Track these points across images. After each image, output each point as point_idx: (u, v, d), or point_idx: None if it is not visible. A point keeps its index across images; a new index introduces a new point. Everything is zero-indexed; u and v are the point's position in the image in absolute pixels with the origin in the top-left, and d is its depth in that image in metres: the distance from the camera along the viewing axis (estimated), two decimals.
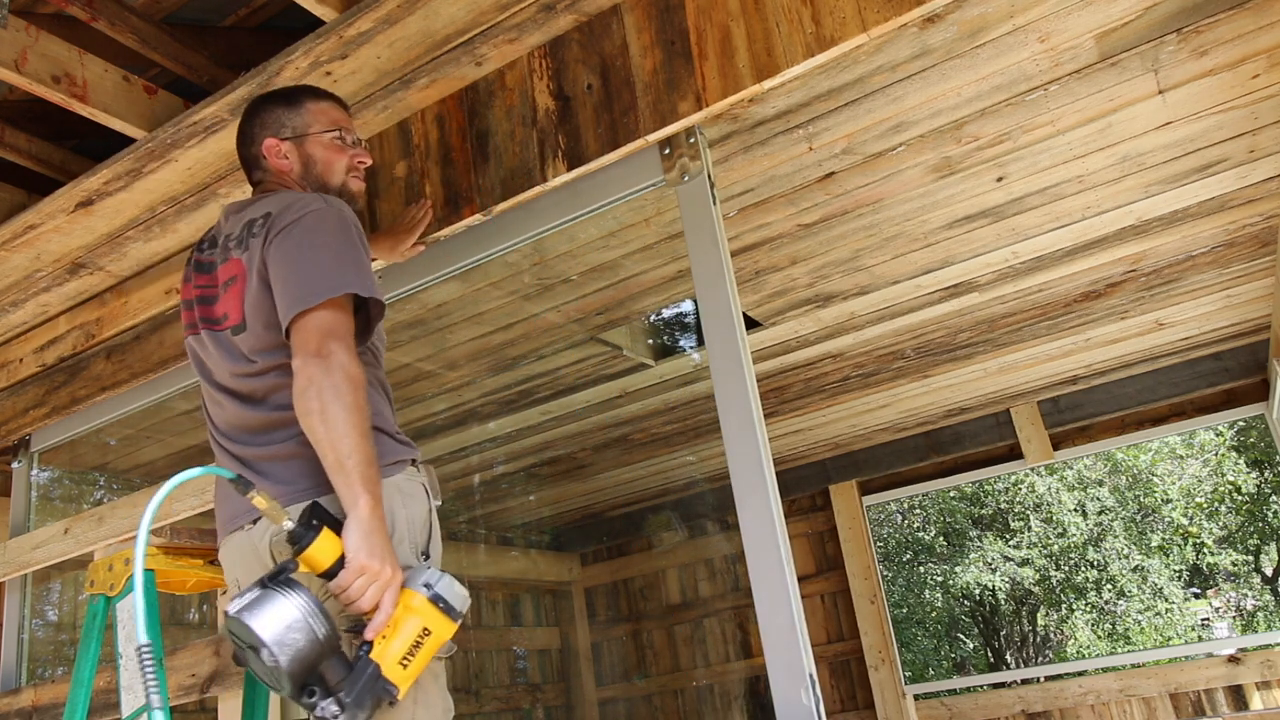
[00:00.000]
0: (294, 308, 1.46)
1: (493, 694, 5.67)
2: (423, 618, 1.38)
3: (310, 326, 1.44)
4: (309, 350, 1.43)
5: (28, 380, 3.19)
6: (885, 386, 4.58)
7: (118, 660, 1.63)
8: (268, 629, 1.25)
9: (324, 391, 1.39)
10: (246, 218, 1.66)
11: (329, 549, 1.34)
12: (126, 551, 1.70)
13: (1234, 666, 5.25)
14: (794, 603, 1.67)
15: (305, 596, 1.29)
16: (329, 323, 1.45)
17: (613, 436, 4.79)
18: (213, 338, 1.64)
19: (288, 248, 1.52)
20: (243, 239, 1.63)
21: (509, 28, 2.10)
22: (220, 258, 1.68)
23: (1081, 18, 2.08)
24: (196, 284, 1.72)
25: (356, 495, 1.36)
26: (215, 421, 1.66)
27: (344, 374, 1.41)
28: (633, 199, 2.11)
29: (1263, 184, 2.92)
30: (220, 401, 1.63)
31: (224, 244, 1.69)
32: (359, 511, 1.35)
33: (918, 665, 12.43)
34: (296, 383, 1.42)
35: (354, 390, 1.41)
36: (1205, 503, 12.34)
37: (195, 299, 1.71)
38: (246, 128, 1.80)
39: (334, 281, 1.48)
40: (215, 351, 1.63)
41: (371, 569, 1.34)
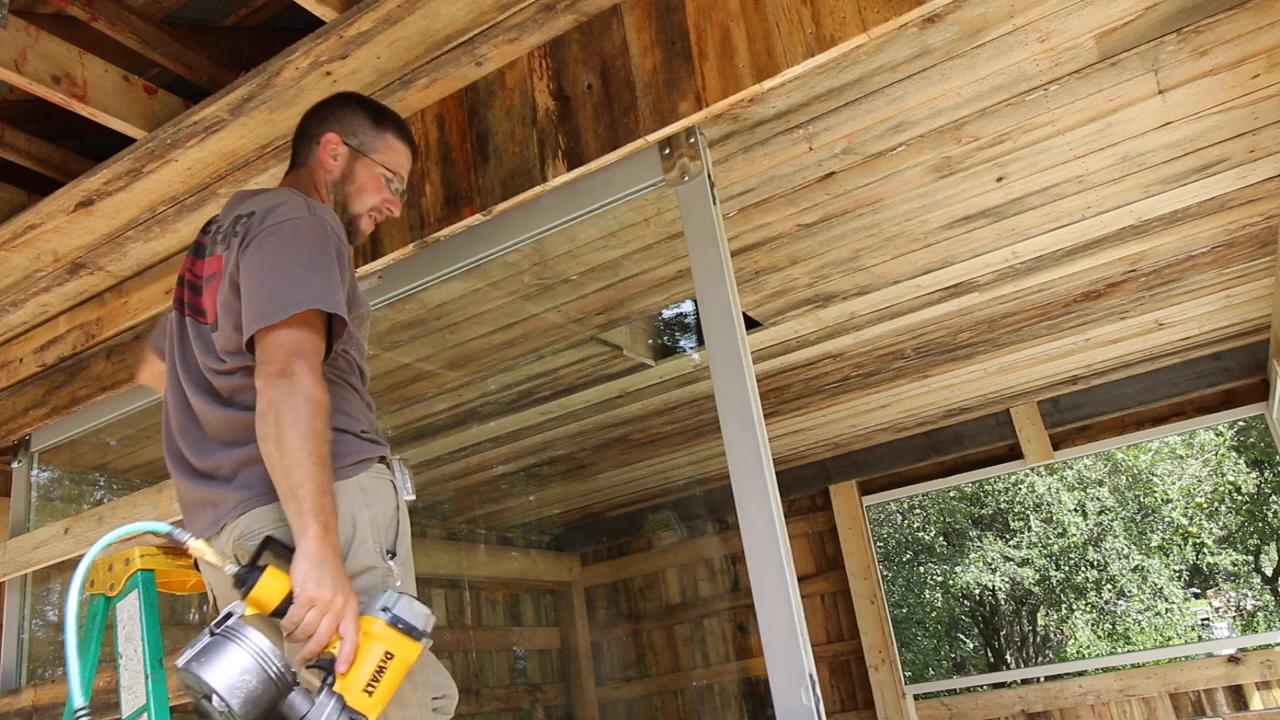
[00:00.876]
0: (259, 321, 1.41)
1: (493, 694, 5.67)
2: (384, 642, 1.34)
3: (275, 344, 1.40)
4: (272, 370, 1.38)
5: (28, 380, 3.19)
6: (885, 386, 4.58)
7: (118, 660, 1.63)
8: (218, 677, 1.21)
9: (282, 416, 1.35)
10: (241, 211, 1.63)
11: (276, 587, 1.31)
12: (127, 551, 1.70)
13: (1234, 666, 5.25)
14: (794, 603, 1.67)
15: (255, 637, 1.25)
16: (294, 340, 1.41)
17: (613, 436, 4.79)
18: (195, 327, 1.62)
19: (261, 256, 1.48)
20: (227, 235, 1.60)
21: (509, 28, 2.10)
22: (207, 250, 1.67)
23: (1081, 18, 2.08)
24: (188, 265, 1.71)
25: (306, 525, 1.32)
26: (175, 425, 1.61)
27: (304, 397, 1.37)
28: (633, 199, 2.10)
29: (1263, 184, 2.92)
30: (188, 394, 1.60)
31: (214, 235, 1.67)
32: (307, 542, 1.31)
33: (918, 665, 12.43)
34: (259, 403, 1.38)
35: (313, 415, 1.36)
36: (1205, 503, 12.35)
37: (189, 282, 1.69)
38: (323, 111, 1.79)
39: (302, 295, 1.42)
40: (194, 340, 1.62)
41: (322, 599, 1.29)
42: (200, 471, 1.53)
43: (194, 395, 1.57)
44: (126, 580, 1.67)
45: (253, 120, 2.23)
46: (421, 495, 1.54)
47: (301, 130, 1.80)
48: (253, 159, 2.35)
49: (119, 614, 1.65)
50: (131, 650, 1.61)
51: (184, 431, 1.58)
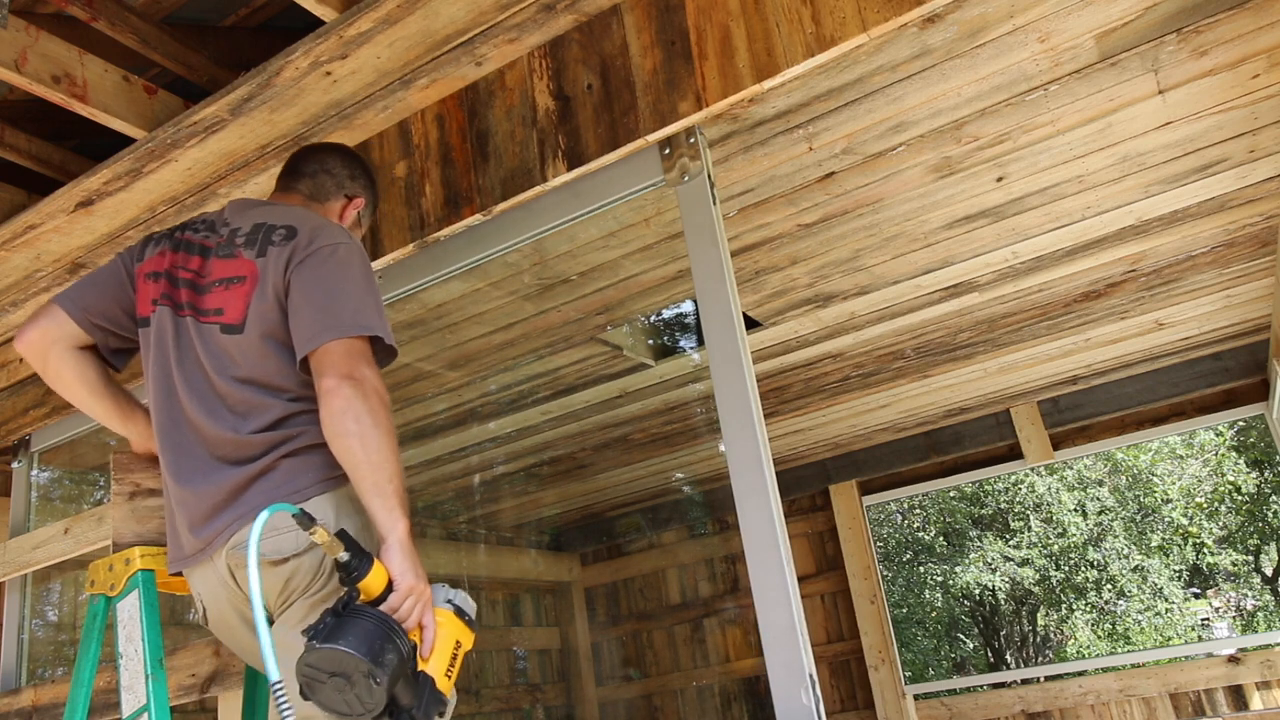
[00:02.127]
0: (327, 333, 1.46)
1: (493, 694, 5.67)
2: (453, 631, 1.43)
3: (340, 351, 1.46)
4: (341, 372, 1.43)
5: (28, 380, 3.19)
6: (885, 386, 4.58)
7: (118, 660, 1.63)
8: (365, 649, 1.25)
9: (362, 416, 1.40)
10: (262, 220, 1.64)
11: (380, 575, 1.36)
12: (127, 551, 1.70)
13: (1234, 666, 5.25)
14: (794, 603, 1.67)
15: (383, 617, 1.31)
16: (360, 350, 1.47)
17: (613, 436, 4.79)
18: (197, 328, 1.59)
19: (323, 274, 1.53)
20: (256, 241, 1.60)
21: (509, 28, 2.10)
22: (222, 250, 1.63)
23: (1081, 18, 2.08)
24: (178, 262, 1.66)
25: (397, 519, 1.39)
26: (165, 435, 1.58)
27: (378, 397, 1.43)
28: (633, 199, 2.10)
29: (1263, 184, 2.92)
30: (185, 405, 1.56)
31: (229, 237, 1.64)
32: (399, 534, 1.39)
33: (918, 665, 12.43)
34: (331, 403, 1.41)
35: (387, 414, 1.43)
36: (1205, 503, 12.34)
37: (178, 278, 1.64)
38: (359, 172, 1.89)
39: (368, 320, 1.50)
40: (197, 342, 1.58)
41: (418, 589, 1.38)
42: (192, 485, 1.52)
43: (195, 407, 1.55)
44: (127, 580, 1.67)
45: (253, 120, 2.23)
46: (422, 495, 1.57)
47: (331, 169, 1.85)
48: (253, 159, 2.35)
49: (119, 614, 1.65)
50: (132, 650, 1.61)
51: (176, 447, 1.56)
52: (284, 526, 1.45)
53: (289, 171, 1.87)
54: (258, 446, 1.49)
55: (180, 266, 1.66)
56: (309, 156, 1.88)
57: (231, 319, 1.56)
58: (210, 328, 1.58)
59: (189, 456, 1.54)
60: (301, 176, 1.84)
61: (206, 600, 1.59)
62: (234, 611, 1.57)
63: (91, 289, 1.70)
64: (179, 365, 1.59)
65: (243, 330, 1.54)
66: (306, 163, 1.86)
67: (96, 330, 1.68)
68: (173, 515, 1.60)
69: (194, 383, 1.57)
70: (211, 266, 1.63)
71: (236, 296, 1.57)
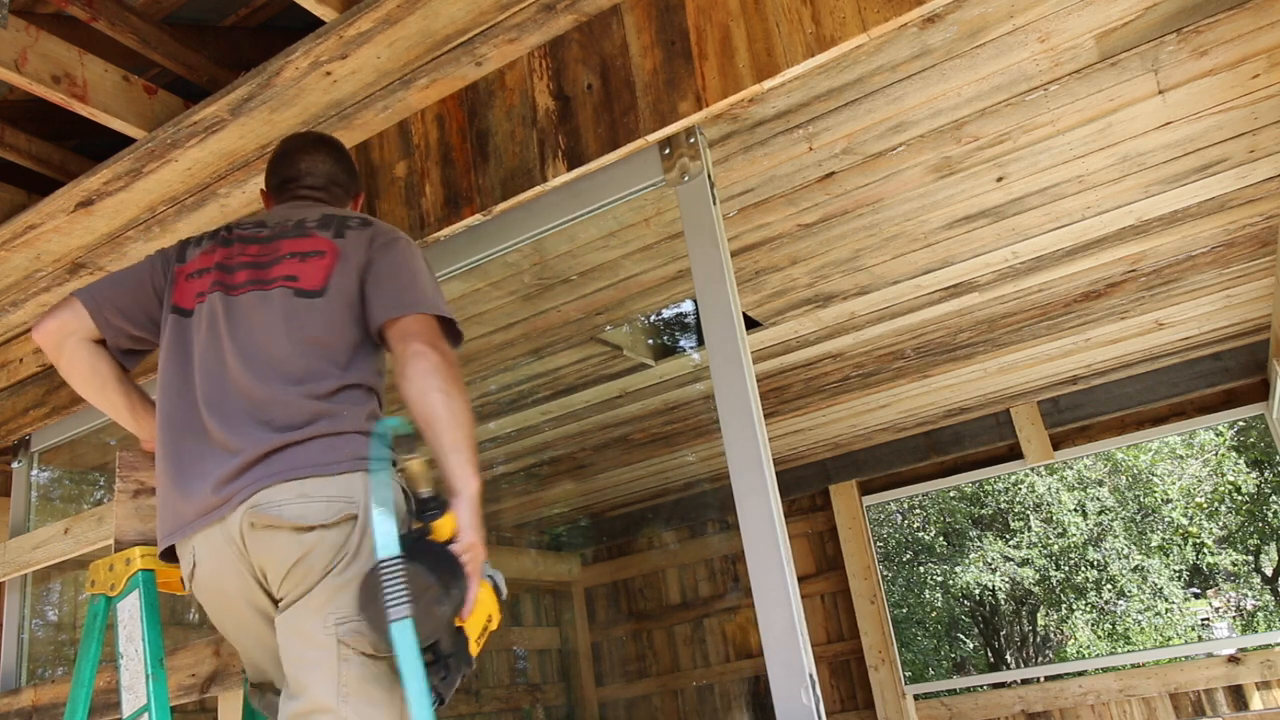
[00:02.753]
0: (417, 306, 1.58)
1: (493, 694, 5.67)
2: (489, 603, 1.47)
3: (426, 323, 1.57)
4: (427, 340, 1.54)
5: (28, 380, 3.19)
6: (885, 386, 4.58)
7: (118, 660, 1.63)
8: (440, 578, 1.32)
9: (448, 380, 1.49)
10: (328, 211, 1.75)
11: (449, 524, 1.41)
12: (128, 551, 1.70)
13: (1234, 666, 5.25)
14: (794, 603, 1.67)
15: (456, 556, 1.38)
16: (440, 328, 1.59)
17: (613, 436, 4.79)
18: (262, 297, 1.61)
19: (405, 258, 1.66)
20: (331, 225, 1.69)
21: (509, 28, 2.10)
22: (291, 233, 1.69)
23: (1081, 18, 2.08)
24: (232, 254, 1.68)
25: (470, 476, 1.44)
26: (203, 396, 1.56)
27: (458, 370, 1.53)
28: (633, 199, 2.11)
29: (1263, 184, 2.92)
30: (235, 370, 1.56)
31: (296, 225, 1.71)
32: (470, 490, 1.44)
33: (918, 665, 12.43)
34: (419, 363, 1.50)
35: (464, 385, 1.53)
36: (1205, 503, 12.34)
37: (233, 265, 1.67)
38: (349, 165, 1.96)
39: (442, 305, 1.63)
40: (260, 309, 1.60)
41: (477, 545, 1.42)
42: (227, 445, 1.50)
43: (248, 371, 1.55)
44: (127, 580, 1.67)
45: (253, 120, 2.23)
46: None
47: (337, 180, 1.91)
48: (253, 159, 2.35)
49: (119, 614, 1.65)
50: (132, 650, 1.61)
51: (215, 405, 1.55)
52: (315, 495, 1.45)
53: (300, 181, 1.88)
54: (305, 414, 1.51)
55: (235, 255, 1.69)
56: (314, 169, 1.90)
57: (310, 284, 1.62)
58: (279, 291, 1.62)
59: (232, 418, 1.52)
60: (316, 189, 1.88)
61: (205, 565, 1.51)
62: (235, 577, 1.49)
63: (113, 287, 1.73)
64: (231, 336, 1.59)
65: (323, 294, 1.61)
66: (313, 175, 1.89)
67: (109, 328, 1.69)
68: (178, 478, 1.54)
69: (250, 348, 1.57)
70: (278, 246, 1.68)
71: (315, 268, 1.64)
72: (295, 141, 1.96)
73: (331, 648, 1.39)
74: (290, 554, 1.43)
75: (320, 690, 1.37)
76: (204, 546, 1.50)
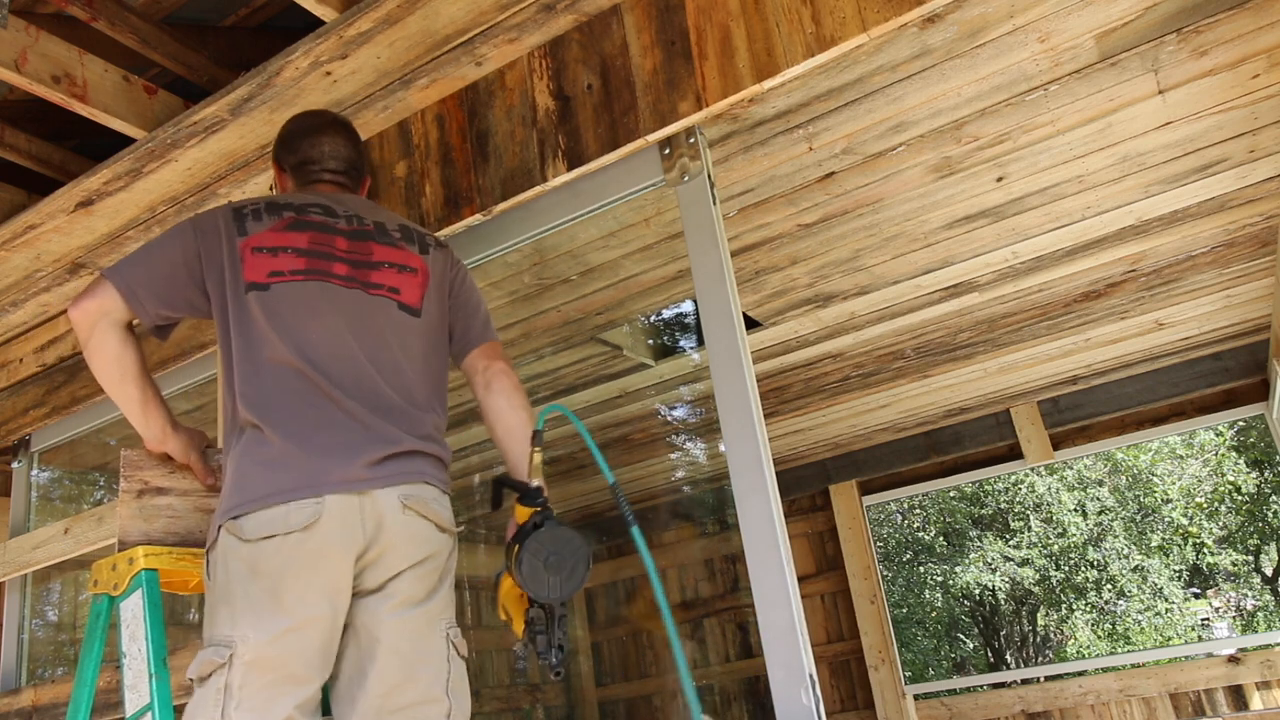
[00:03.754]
0: (496, 334, 1.86)
1: (493, 694, 5.67)
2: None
3: (500, 349, 1.84)
4: (509, 362, 1.81)
5: (28, 380, 3.19)
6: (885, 386, 4.59)
7: (121, 660, 1.63)
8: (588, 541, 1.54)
9: (525, 398, 1.78)
10: (394, 220, 1.83)
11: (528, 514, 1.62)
12: (130, 551, 1.70)
13: (1234, 666, 5.25)
14: (794, 603, 1.68)
15: None
16: None
17: (613, 436, 4.79)
18: (372, 301, 1.69)
19: (475, 285, 1.90)
20: (414, 240, 1.80)
21: (509, 28, 2.10)
22: (381, 239, 1.75)
23: (1081, 18, 2.08)
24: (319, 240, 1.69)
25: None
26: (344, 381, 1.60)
27: None
28: (633, 199, 2.11)
29: (1263, 184, 2.92)
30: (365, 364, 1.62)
31: (379, 229, 1.77)
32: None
33: (918, 665, 12.43)
34: (507, 380, 1.78)
35: None
36: (1205, 503, 12.34)
37: (335, 255, 1.68)
38: (362, 148, 1.99)
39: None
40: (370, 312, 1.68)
41: None
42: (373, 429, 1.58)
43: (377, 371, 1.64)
44: (130, 580, 1.67)
45: (253, 120, 2.23)
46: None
47: (361, 166, 1.96)
48: (253, 159, 2.36)
49: (122, 613, 1.65)
50: (135, 649, 1.61)
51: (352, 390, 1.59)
52: (444, 505, 1.64)
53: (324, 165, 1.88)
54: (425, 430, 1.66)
55: (325, 244, 1.70)
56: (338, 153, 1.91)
57: (409, 301, 1.73)
58: (385, 301, 1.70)
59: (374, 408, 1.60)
60: (339, 174, 1.90)
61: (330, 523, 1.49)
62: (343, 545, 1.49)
63: (149, 272, 1.67)
64: (353, 332, 1.64)
65: (420, 315, 1.73)
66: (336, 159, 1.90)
67: (146, 314, 1.67)
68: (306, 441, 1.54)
69: (374, 350, 1.66)
70: (369, 248, 1.73)
71: (411, 284, 1.74)
72: (314, 120, 1.94)
73: (444, 649, 1.58)
74: (424, 547, 1.58)
75: (433, 683, 1.54)
76: (337, 507, 1.51)
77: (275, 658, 1.44)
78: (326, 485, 1.50)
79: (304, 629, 1.46)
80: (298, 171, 1.89)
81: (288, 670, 1.44)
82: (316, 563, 1.48)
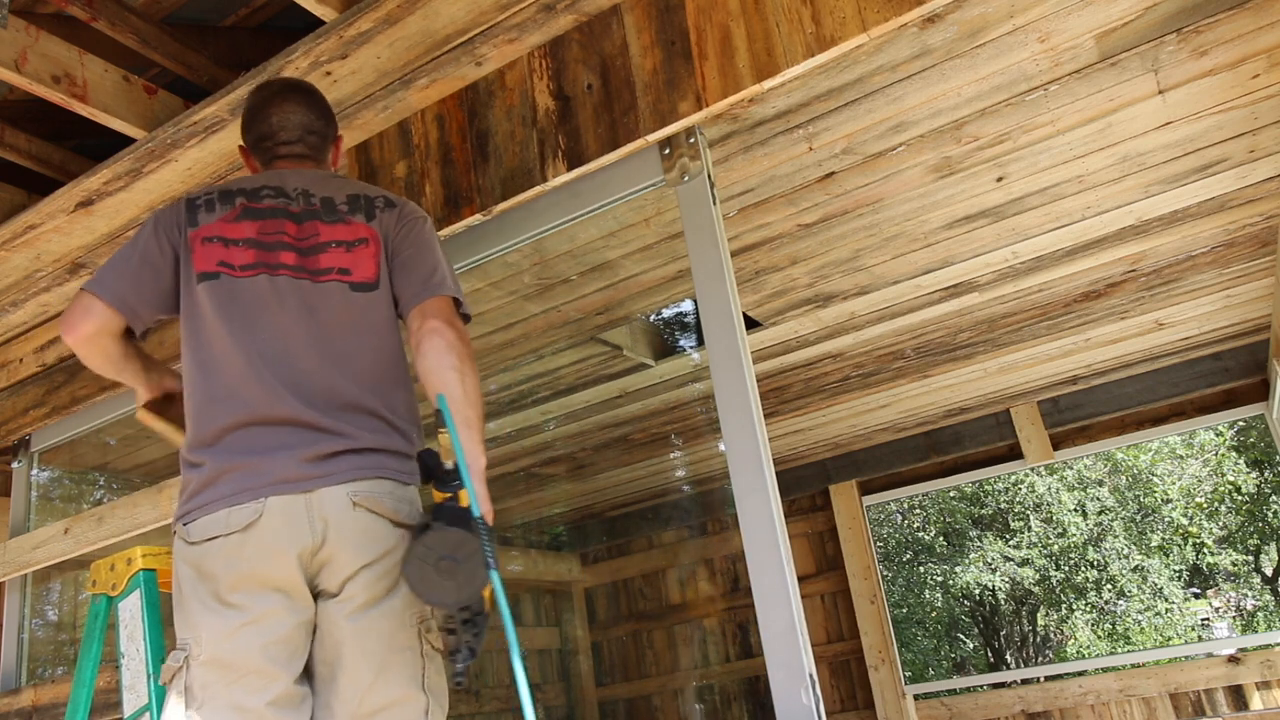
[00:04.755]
0: (442, 289, 1.63)
1: (493, 694, 5.67)
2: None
3: (445, 304, 1.62)
4: (445, 318, 1.58)
5: (28, 380, 3.19)
6: (885, 386, 4.58)
7: (119, 660, 1.63)
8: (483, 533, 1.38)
9: (465, 359, 1.54)
10: (345, 189, 1.74)
11: (464, 496, 1.45)
12: (129, 551, 1.70)
13: (1234, 666, 5.25)
14: (794, 603, 1.68)
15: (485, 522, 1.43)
16: (454, 309, 1.64)
17: (613, 436, 4.79)
18: (319, 289, 1.62)
19: (426, 240, 1.72)
20: (362, 209, 1.71)
21: (509, 28, 2.10)
22: (328, 217, 1.68)
23: (1081, 18, 2.08)
24: (266, 229, 1.66)
25: (481, 451, 1.49)
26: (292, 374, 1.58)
27: (472, 349, 1.57)
28: (633, 199, 2.11)
29: (1263, 184, 2.92)
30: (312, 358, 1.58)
31: (327, 206, 1.69)
32: (480, 465, 1.48)
33: (918, 665, 12.43)
34: (436, 340, 1.55)
35: (476, 365, 1.56)
36: (1205, 503, 12.35)
37: (281, 244, 1.65)
38: (322, 108, 1.87)
39: (458, 288, 1.67)
40: (319, 300, 1.61)
41: (490, 515, 1.46)
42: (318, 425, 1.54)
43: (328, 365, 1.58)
44: (129, 580, 1.67)
45: None
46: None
47: (312, 130, 1.84)
48: None
49: (121, 614, 1.65)
50: (134, 650, 1.61)
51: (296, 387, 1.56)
52: (401, 498, 1.55)
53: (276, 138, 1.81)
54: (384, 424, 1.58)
55: (271, 232, 1.66)
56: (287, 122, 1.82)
57: (363, 277, 1.65)
58: (332, 286, 1.63)
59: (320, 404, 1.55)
60: (293, 144, 1.82)
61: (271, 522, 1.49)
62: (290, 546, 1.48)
63: (134, 280, 1.66)
64: (300, 323, 1.60)
65: (378, 287, 1.66)
66: (286, 129, 1.82)
67: (139, 321, 1.67)
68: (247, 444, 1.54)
69: (323, 342, 1.60)
70: (315, 229, 1.68)
71: (364, 257, 1.67)
72: (263, 93, 1.86)
73: (416, 644, 1.52)
74: (378, 544, 1.50)
75: (407, 681, 1.50)
76: (278, 507, 1.50)
77: (230, 655, 1.43)
78: (267, 487, 1.50)
79: (258, 623, 1.45)
80: (256, 150, 1.85)
81: (249, 666, 1.43)
82: (258, 562, 1.48)
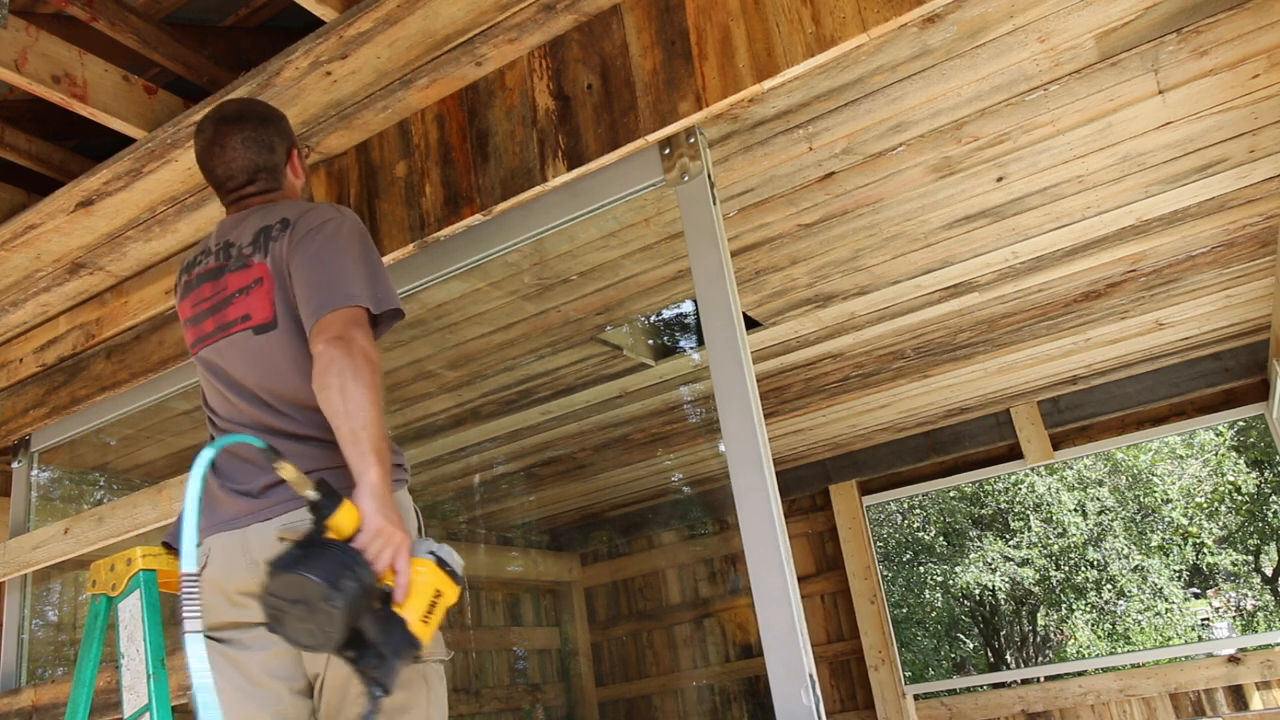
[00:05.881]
0: (322, 310, 1.52)
1: (493, 694, 5.67)
2: (434, 580, 1.45)
3: (335, 319, 1.51)
4: (330, 335, 1.48)
5: (28, 380, 3.19)
6: (885, 386, 4.58)
7: (119, 660, 1.63)
8: (324, 575, 1.29)
9: (344, 371, 1.44)
10: (257, 225, 1.67)
11: (349, 517, 1.38)
12: (129, 552, 1.70)
13: (1234, 666, 5.25)
14: (794, 603, 1.68)
15: (346, 549, 1.35)
16: (352, 316, 1.52)
17: (613, 436, 4.79)
18: (231, 343, 1.64)
19: (313, 254, 1.59)
20: (260, 244, 1.65)
21: (509, 28, 2.10)
22: (235, 265, 1.67)
23: (1081, 18, 2.08)
24: (201, 297, 1.70)
25: (369, 464, 1.40)
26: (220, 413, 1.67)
27: (363, 356, 1.47)
28: (633, 199, 2.11)
29: (1263, 184, 2.92)
30: (233, 401, 1.64)
31: (237, 253, 1.67)
32: (370, 478, 1.40)
33: (918, 665, 12.43)
34: (318, 364, 1.47)
35: (372, 371, 1.46)
36: (1205, 503, 12.35)
37: (203, 312, 1.69)
38: (262, 135, 1.78)
39: (355, 290, 1.54)
40: (235, 354, 1.64)
41: (386, 530, 1.38)
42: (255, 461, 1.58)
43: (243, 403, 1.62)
44: (128, 580, 1.67)
45: None
46: (422, 495, 1.59)
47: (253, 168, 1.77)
48: None
49: (121, 614, 1.65)
50: (134, 650, 1.61)
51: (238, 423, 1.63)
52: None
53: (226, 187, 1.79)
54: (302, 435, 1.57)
55: (200, 302, 1.71)
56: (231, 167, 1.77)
57: (261, 319, 1.61)
58: (240, 336, 1.63)
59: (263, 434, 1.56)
60: (246, 187, 1.78)
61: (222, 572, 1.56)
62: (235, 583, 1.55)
63: None
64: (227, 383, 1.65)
65: (276, 325, 1.60)
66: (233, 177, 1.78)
67: None
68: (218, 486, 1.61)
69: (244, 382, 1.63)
70: (225, 283, 1.68)
71: (259, 298, 1.62)
72: (201, 138, 1.79)
73: None
74: None
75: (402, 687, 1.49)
76: (218, 545, 1.57)
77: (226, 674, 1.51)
78: (211, 527, 1.56)
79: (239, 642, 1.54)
80: (221, 198, 1.84)
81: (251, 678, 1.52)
82: (208, 603, 1.55)
